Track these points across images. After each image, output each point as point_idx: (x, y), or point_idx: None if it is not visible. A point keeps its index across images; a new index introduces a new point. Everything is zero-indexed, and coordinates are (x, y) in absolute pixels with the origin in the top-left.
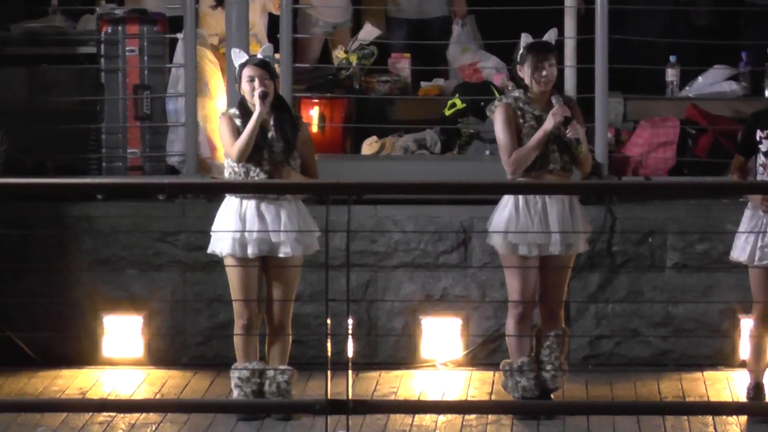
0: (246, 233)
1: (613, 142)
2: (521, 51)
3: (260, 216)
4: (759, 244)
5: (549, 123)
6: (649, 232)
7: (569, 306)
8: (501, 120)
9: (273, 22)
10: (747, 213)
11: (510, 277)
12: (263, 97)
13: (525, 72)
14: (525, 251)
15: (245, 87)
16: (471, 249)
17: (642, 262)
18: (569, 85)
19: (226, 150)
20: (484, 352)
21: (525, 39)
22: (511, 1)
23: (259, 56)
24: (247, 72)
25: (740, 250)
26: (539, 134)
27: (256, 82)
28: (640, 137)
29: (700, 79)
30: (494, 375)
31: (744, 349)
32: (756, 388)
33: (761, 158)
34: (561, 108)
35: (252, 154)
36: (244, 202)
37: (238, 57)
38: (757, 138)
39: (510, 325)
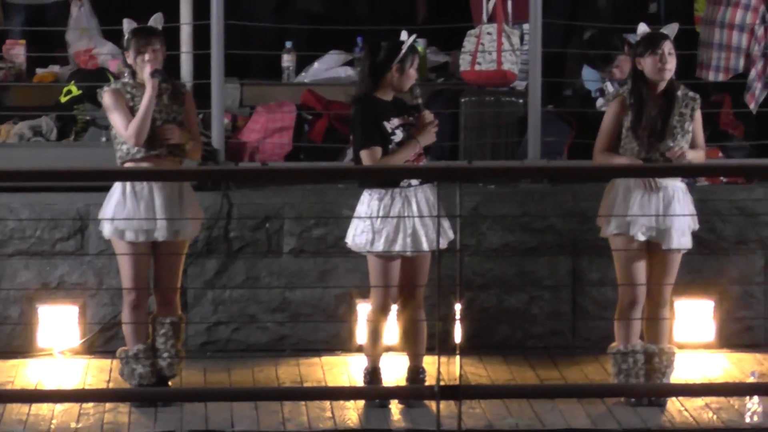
0: None
1: (230, 128)
2: (126, 36)
3: None
4: (407, 232)
5: (146, 95)
6: (266, 217)
7: (186, 292)
8: (111, 104)
9: None
10: (377, 203)
11: (122, 265)
12: None
13: (130, 56)
14: (131, 237)
15: None
16: (88, 236)
17: (259, 248)
18: (185, 72)
19: None
20: (101, 340)
21: (128, 25)
22: None
23: None
24: None
25: (383, 240)
26: (144, 102)
27: None
28: (257, 123)
29: (316, 64)
30: (112, 362)
31: (361, 334)
32: (372, 373)
33: (394, 148)
34: (152, 87)
35: None
36: None
37: None
38: (389, 130)
39: (125, 313)
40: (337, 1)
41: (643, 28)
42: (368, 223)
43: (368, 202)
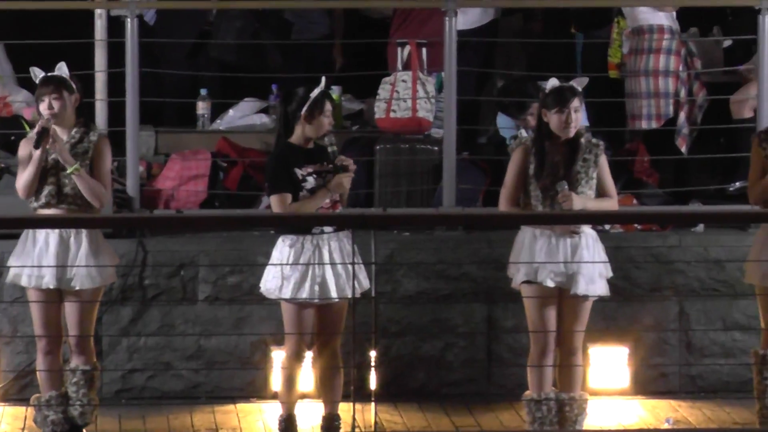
0: None
1: (145, 176)
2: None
3: None
4: (315, 280)
5: (35, 155)
6: (181, 265)
7: (101, 340)
8: (18, 154)
9: None
10: (288, 250)
11: (31, 311)
12: None
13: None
14: (25, 282)
15: None
16: (2, 284)
17: (174, 295)
18: (100, 119)
19: None
20: (16, 387)
21: (33, 73)
22: (39, 34)
23: None
24: None
25: (291, 286)
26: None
27: None
28: (172, 170)
29: (230, 112)
30: (26, 410)
31: (276, 381)
32: (287, 420)
33: (305, 195)
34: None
35: None
36: None
37: None
38: (300, 176)
39: (38, 360)
40: (251, 49)
41: (553, 82)
42: (279, 269)
43: (281, 248)
